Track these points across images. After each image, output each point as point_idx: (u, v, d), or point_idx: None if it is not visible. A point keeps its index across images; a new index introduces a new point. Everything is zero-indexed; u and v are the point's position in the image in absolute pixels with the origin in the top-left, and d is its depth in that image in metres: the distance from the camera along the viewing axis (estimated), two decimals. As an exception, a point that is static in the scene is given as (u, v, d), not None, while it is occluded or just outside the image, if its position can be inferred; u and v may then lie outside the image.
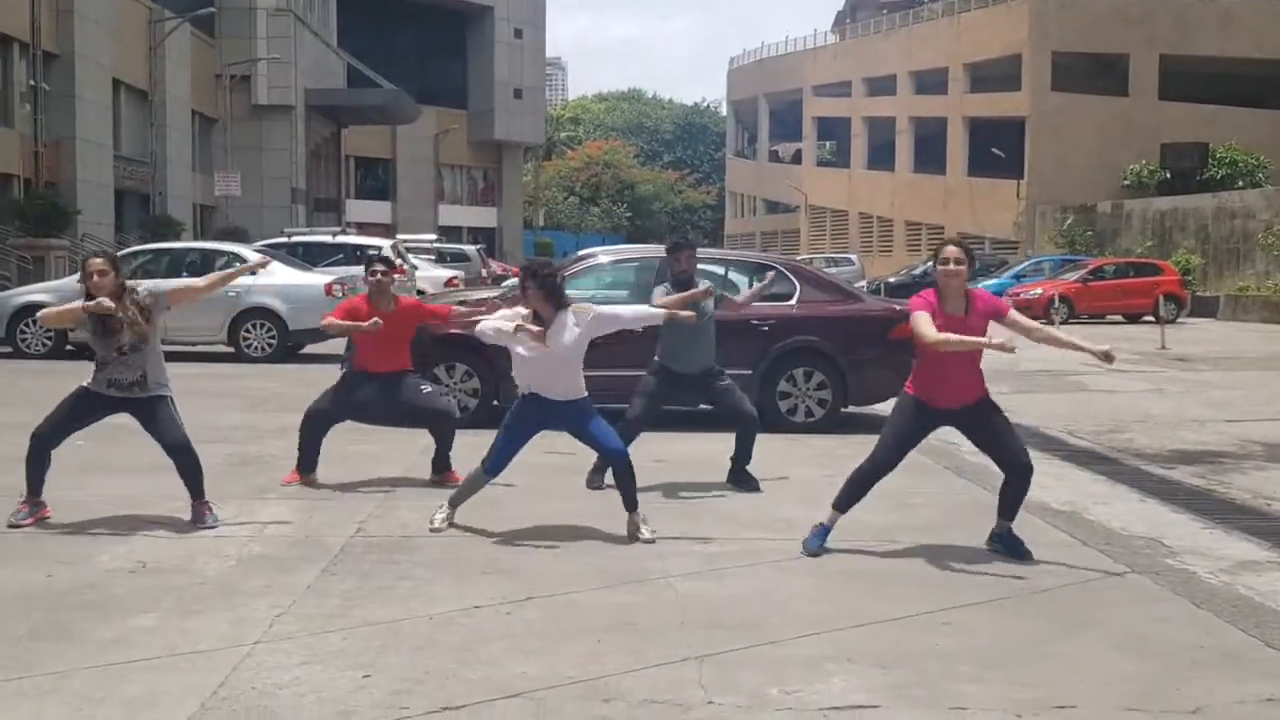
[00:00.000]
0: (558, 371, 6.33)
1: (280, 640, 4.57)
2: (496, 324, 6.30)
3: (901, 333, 10.95)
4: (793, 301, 10.65)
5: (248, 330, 16.05)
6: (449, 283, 26.01)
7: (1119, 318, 30.42)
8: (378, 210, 62.45)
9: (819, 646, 4.66)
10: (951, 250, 6.24)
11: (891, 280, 38.07)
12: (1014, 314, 6.22)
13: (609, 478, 7.00)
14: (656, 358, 7.91)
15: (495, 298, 11.67)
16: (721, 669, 4.37)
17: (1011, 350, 5.91)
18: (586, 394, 6.46)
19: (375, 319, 7.46)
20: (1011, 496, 6.33)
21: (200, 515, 6.46)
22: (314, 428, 7.75)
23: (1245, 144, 42.11)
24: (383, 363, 7.76)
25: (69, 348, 16.22)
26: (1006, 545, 6.29)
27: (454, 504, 6.60)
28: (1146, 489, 8.47)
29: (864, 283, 42.01)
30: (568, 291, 10.64)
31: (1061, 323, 27.97)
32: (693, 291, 7.51)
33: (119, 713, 3.85)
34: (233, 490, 7.32)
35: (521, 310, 6.43)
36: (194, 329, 15.84)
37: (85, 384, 6.46)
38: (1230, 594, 5.67)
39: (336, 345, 16.18)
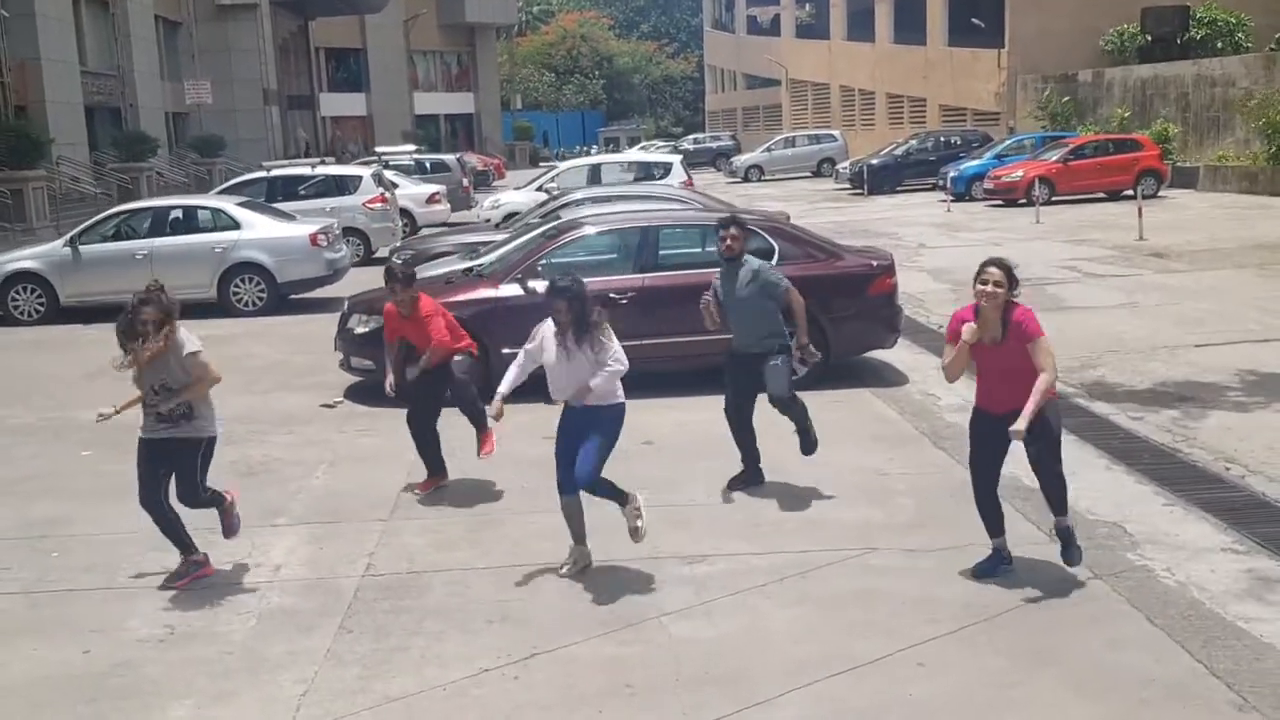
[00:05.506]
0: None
1: (309, 728, 4.98)
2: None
3: (882, 287, 11.39)
4: (772, 262, 10.87)
5: (237, 285, 16.20)
6: (431, 199, 26.00)
7: (1101, 195, 30.59)
8: (352, 103, 61.67)
9: (804, 706, 5.08)
10: (993, 271, 5.86)
11: (874, 163, 37.90)
12: (1040, 343, 5.93)
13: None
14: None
15: (456, 273, 12.01)
16: (714, 742, 4.79)
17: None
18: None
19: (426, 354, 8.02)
20: (1046, 497, 6.41)
21: (200, 568, 6.62)
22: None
23: (1226, 3, 41.54)
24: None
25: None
26: (1061, 538, 6.38)
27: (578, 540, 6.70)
28: (1113, 450, 8.88)
29: (848, 162, 41.92)
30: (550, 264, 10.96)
31: (1044, 204, 28.17)
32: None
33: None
34: (243, 512, 7.51)
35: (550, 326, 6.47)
36: (183, 285, 15.83)
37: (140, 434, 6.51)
38: (1183, 600, 6.10)
39: (325, 294, 16.41)
